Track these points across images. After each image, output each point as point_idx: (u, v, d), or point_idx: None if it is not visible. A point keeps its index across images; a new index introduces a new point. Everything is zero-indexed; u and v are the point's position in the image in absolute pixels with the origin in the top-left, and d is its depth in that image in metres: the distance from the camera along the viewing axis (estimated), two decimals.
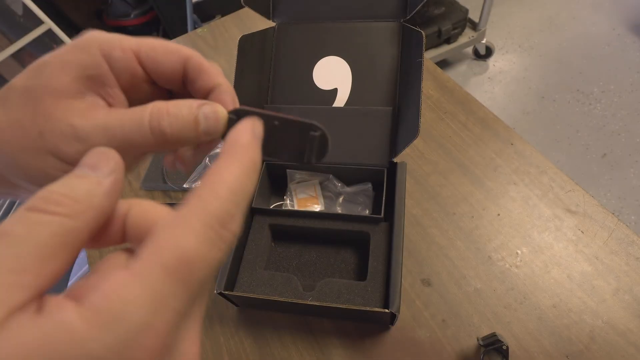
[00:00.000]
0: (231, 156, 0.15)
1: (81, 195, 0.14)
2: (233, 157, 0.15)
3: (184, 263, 0.12)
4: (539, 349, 0.43)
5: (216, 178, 0.14)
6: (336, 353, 0.45)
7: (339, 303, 0.43)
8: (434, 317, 0.46)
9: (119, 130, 0.17)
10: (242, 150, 0.16)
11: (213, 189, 0.14)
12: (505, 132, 0.59)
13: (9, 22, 1.41)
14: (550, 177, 0.54)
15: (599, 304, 0.44)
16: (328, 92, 0.53)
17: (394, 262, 0.42)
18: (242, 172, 0.15)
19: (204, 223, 0.13)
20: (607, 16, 1.78)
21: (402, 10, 0.51)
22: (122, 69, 0.19)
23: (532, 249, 0.49)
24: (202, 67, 0.21)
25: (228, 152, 0.16)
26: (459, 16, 1.53)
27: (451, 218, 0.53)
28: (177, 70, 0.20)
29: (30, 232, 0.12)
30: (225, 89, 0.21)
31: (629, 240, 0.48)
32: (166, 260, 0.12)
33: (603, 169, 1.37)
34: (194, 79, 0.21)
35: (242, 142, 0.16)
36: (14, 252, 0.12)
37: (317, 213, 0.50)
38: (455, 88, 0.65)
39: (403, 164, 0.49)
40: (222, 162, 0.15)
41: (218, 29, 0.87)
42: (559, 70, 1.65)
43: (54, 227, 0.13)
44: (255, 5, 0.54)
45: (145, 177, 0.64)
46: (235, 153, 0.15)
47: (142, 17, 1.73)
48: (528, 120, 1.53)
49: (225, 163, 0.15)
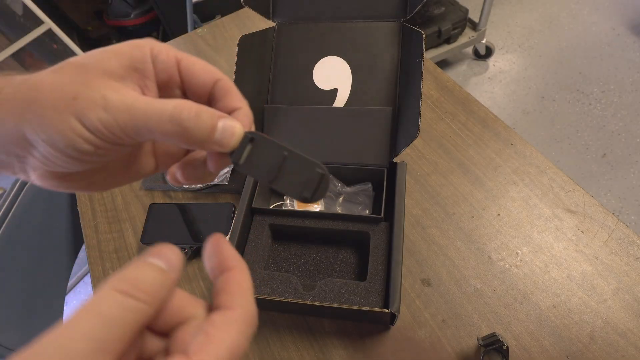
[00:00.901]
0: (239, 268, 0.19)
1: (158, 286, 0.16)
2: (242, 268, 0.19)
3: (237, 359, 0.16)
4: (539, 349, 0.42)
5: (240, 288, 0.18)
6: (336, 353, 0.45)
7: (339, 303, 0.43)
8: (434, 317, 0.46)
9: (142, 111, 0.19)
10: (242, 264, 0.19)
11: (247, 298, 0.18)
12: (505, 132, 0.59)
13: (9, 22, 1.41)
14: (550, 177, 0.54)
15: (599, 304, 0.44)
16: (328, 92, 0.53)
17: (394, 262, 0.42)
18: (248, 276, 0.19)
19: (248, 325, 0.17)
20: (607, 16, 1.78)
21: (402, 10, 0.51)
22: (163, 69, 0.22)
23: (532, 249, 0.49)
24: (230, 90, 0.23)
25: (232, 267, 0.19)
26: (459, 16, 1.53)
27: (451, 218, 0.53)
28: (207, 86, 0.23)
29: (121, 315, 0.14)
30: (246, 113, 0.23)
31: (629, 240, 0.48)
32: (223, 357, 0.16)
33: (603, 169, 1.37)
34: (220, 98, 0.23)
35: (236, 257, 0.19)
36: (106, 333, 0.14)
37: (317, 213, 0.50)
38: (455, 88, 0.65)
39: (403, 164, 0.49)
40: (235, 275, 0.19)
41: (218, 29, 0.87)
42: (559, 70, 1.65)
43: (138, 314, 0.15)
44: (255, 5, 0.54)
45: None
46: (239, 266, 0.19)
47: (142, 17, 1.73)
48: (528, 120, 1.53)
49: (238, 275, 0.19)
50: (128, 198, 0.63)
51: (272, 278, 0.46)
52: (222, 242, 0.20)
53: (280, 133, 0.53)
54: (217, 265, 0.19)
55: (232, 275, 0.19)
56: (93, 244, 0.59)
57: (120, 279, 0.15)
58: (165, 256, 0.17)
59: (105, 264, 0.57)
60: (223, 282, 0.18)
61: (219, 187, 0.60)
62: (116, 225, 0.60)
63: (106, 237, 0.59)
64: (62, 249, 0.75)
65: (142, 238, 0.56)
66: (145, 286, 0.15)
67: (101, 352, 0.13)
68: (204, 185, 0.59)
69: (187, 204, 0.58)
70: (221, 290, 0.18)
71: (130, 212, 0.61)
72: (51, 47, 1.47)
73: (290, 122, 0.53)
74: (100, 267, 0.57)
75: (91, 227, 0.61)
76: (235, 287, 0.18)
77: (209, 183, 0.20)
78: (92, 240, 0.59)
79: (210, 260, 0.19)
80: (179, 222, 0.56)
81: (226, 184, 0.59)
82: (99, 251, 0.58)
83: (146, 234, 0.56)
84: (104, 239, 0.59)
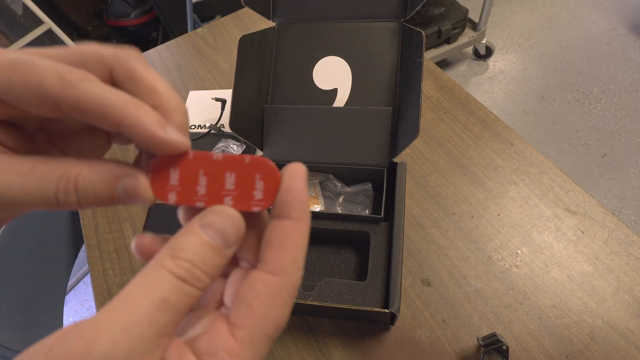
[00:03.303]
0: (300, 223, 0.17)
1: (212, 269, 0.15)
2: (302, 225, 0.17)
3: (279, 329, 0.16)
4: (539, 349, 0.42)
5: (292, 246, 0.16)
6: (336, 353, 0.45)
7: (339, 303, 0.43)
8: (434, 317, 0.46)
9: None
10: (307, 215, 0.17)
11: (294, 261, 0.16)
12: (505, 132, 0.59)
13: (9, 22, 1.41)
14: (550, 177, 0.54)
15: (599, 304, 0.44)
16: (328, 92, 0.53)
17: (394, 262, 0.42)
18: (307, 237, 0.17)
19: (291, 295, 0.16)
20: (607, 16, 1.78)
21: (402, 10, 0.51)
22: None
23: (532, 249, 0.49)
24: (134, 73, 0.16)
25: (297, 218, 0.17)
26: (459, 16, 1.53)
27: (451, 218, 0.53)
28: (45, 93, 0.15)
29: (182, 301, 0.14)
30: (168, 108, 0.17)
31: (629, 240, 0.48)
32: (267, 331, 0.16)
33: (603, 169, 1.37)
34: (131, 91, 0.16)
35: (306, 205, 0.17)
36: (168, 318, 0.14)
37: (317, 213, 0.50)
38: (455, 88, 0.65)
39: (403, 164, 0.49)
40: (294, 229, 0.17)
41: (218, 29, 0.87)
42: (559, 70, 1.65)
43: (194, 299, 0.15)
44: (255, 5, 0.54)
45: None
46: (303, 219, 0.17)
47: (142, 17, 1.73)
48: (528, 120, 1.53)
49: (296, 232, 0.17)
50: None
51: None
52: (299, 182, 0.17)
53: (280, 133, 0.53)
54: (282, 204, 0.17)
55: (289, 229, 0.16)
56: (93, 244, 0.59)
57: (177, 260, 0.15)
58: (221, 228, 0.16)
59: (105, 264, 0.57)
60: (277, 233, 0.16)
61: None
62: (116, 225, 0.60)
63: (106, 237, 0.59)
64: (62, 249, 0.75)
65: None
66: (203, 273, 0.15)
67: (163, 337, 0.14)
68: None
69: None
70: (272, 244, 0.16)
71: (130, 212, 0.61)
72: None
73: (290, 123, 0.53)
74: (100, 267, 0.57)
75: (91, 227, 0.61)
76: (289, 246, 0.16)
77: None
78: (92, 240, 0.59)
79: (282, 195, 0.17)
80: (179, 222, 0.56)
81: None
82: (99, 251, 0.58)
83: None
84: (104, 239, 0.59)
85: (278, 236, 0.16)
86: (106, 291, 0.55)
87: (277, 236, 0.16)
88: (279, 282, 0.16)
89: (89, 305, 1.38)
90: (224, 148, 0.62)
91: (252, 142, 0.52)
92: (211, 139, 0.65)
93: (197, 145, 0.65)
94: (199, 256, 0.15)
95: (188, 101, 0.73)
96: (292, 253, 0.16)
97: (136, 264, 0.56)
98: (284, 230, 0.17)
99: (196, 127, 0.69)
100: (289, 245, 0.16)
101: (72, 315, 1.36)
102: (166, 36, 1.73)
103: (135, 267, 0.56)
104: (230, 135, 0.65)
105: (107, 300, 0.54)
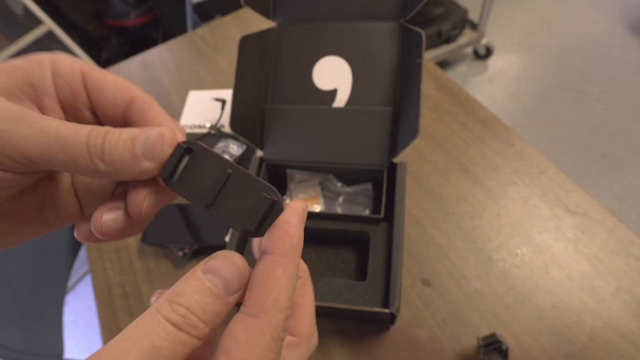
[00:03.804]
0: (286, 260, 0.16)
1: (213, 317, 0.15)
2: (288, 262, 0.16)
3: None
4: (539, 349, 0.43)
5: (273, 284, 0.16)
6: (336, 353, 0.45)
7: (339, 303, 0.43)
8: (434, 317, 0.46)
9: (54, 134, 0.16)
10: (295, 253, 0.16)
11: (276, 300, 0.15)
12: (505, 132, 0.59)
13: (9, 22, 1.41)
14: (550, 177, 0.54)
15: (599, 304, 0.44)
16: (328, 92, 0.53)
17: (394, 262, 0.42)
18: (293, 276, 0.16)
19: (275, 338, 0.15)
20: (607, 16, 1.78)
21: (402, 10, 0.51)
22: (65, 85, 0.18)
23: (532, 249, 0.49)
24: (150, 108, 0.19)
25: (282, 253, 0.16)
26: (459, 16, 1.53)
27: (451, 218, 0.53)
28: (120, 106, 0.19)
29: (174, 349, 0.14)
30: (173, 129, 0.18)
31: (629, 240, 0.48)
32: None
33: (603, 169, 1.37)
34: (137, 120, 0.19)
35: (295, 242, 0.16)
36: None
37: (317, 213, 0.50)
38: (455, 88, 0.65)
39: (403, 164, 0.49)
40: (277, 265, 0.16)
41: (218, 29, 0.87)
42: (559, 70, 1.65)
43: (189, 347, 0.14)
44: (255, 5, 0.54)
45: None
46: (289, 256, 0.16)
47: (142, 17, 1.73)
48: (528, 120, 1.53)
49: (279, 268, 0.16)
50: None
51: None
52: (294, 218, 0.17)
53: (280, 133, 0.53)
54: (270, 237, 0.16)
55: (272, 265, 0.16)
56: (93, 244, 0.59)
57: (174, 306, 0.14)
58: (224, 275, 0.15)
59: (105, 264, 0.57)
60: (261, 271, 0.16)
61: None
62: None
63: None
64: (62, 249, 0.75)
65: (142, 238, 0.56)
66: (200, 320, 0.14)
67: None
68: None
69: (187, 204, 0.58)
70: (254, 282, 0.16)
71: None
72: (51, 48, 1.48)
73: (290, 123, 0.53)
74: (100, 267, 0.57)
75: None
76: (269, 284, 0.16)
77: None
78: None
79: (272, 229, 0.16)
80: (179, 222, 0.56)
81: None
82: (99, 251, 0.58)
83: (146, 234, 0.56)
84: None
85: (261, 273, 0.16)
86: (106, 291, 0.55)
87: (260, 273, 0.16)
88: (259, 325, 0.15)
89: (89, 306, 1.38)
90: (224, 148, 0.62)
91: (252, 142, 0.52)
92: (211, 139, 0.65)
93: None
94: (198, 302, 0.15)
95: (188, 101, 0.73)
96: (274, 292, 0.15)
97: (136, 264, 0.56)
98: (267, 266, 0.16)
99: (196, 127, 0.69)
100: (269, 283, 0.15)
101: (72, 315, 1.36)
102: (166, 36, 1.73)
103: (135, 267, 0.56)
104: (230, 135, 0.65)
105: (108, 300, 0.54)
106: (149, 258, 0.57)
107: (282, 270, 0.16)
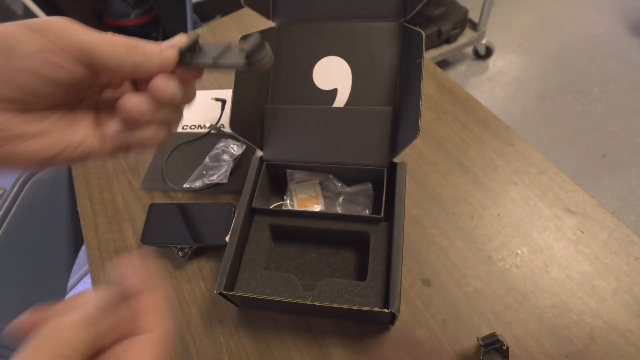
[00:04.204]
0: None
1: (79, 348, 0.18)
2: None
3: None
4: (539, 349, 0.43)
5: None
6: (336, 353, 0.45)
7: (339, 303, 0.43)
8: (434, 317, 0.46)
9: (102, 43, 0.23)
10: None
11: None
12: (505, 132, 0.59)
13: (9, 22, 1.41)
14: (550, 177, 0.54)
15: (599, 304, 0.44)
16: (328, 92, 0.53)
17: (394, 262, 0.42)
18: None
19: None
20: (607, 16, 1.78)
21: (402, 10, 0.51)
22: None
23: (532, 249, 0.49)
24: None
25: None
26: (459, 16, 1.53)
27: (451, 218, 0.53)
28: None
29: None
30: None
31: (629, 240, 0.48)
32: None
33: (603, 169, 1.37)
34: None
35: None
36: None
37: (317, 213, 0.50)
38: (455, 88, 0.65)
39: (403, 164, 0.49)
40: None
41: (218, 29, 0.87)
42: (559, 70, 1.65)
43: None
44: (255, 5, 0.54)
45: (145, 177, 0.64)
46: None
47: (142, 17, 1.73)
48: (528, 120, 1.53)
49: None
50: (128, 198, 0.63)
51: (272, 278, 0.46)
52: (141, 263, 0.21)
53: (280, 133, 0.53)
54: (134, 286, 0.20)
55: (149, 298, 0.20)
56: (93, 244, 0.59)
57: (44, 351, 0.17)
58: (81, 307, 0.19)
59: (105, 264, 0.57)
60: (142, 304, 0.20)
61: (218, 187, 0.60)
62: (116, 225, 0.60)
63: (106, 237, 0.59)
64: (62, 249, 0.75)
65: (142, 238, 0.56)
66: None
67: None
68: (204, 184, 0.59)
69: (187, 204, 0.58)
70: (141, 312, 0.20)
71: (130, 212, 0.61)
72: None
73: (290, 123, 0.53)
74: (100, 267, 0.57)
75: (91, 227, 0.61)
76: (154, 310, 0.20)
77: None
78: (92, 240, 0.59)
79: (128, 279, 0.20)
80: (179, 222, 0.56)
81: (225, 182, 0.59)
82: (99, 251, 0.58)
83: (146, 234, 0.56)
84: (104, 239, 0.59)
85: (145, 306, 0.21)
86: None
87: (144, 306, 0.21)
88: (154, 336, 0.20)
89: None
90: (224, 148, 0.62)
91: (252, 142, 0.52)
92: (211, 139, 0.65)
93: (198, 145, 0.65)
94: (63, 338, 0.18)
95: None
96: (161, 315, 0.21)
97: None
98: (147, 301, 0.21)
99: (196, 127, 0.69)
100: (155, 310, 0.21)
101: None
102: (166, 36, 1.73)
103: None
104: (230, 135, 0.65)
105: None
106: (149, 258, 0.57)
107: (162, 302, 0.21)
